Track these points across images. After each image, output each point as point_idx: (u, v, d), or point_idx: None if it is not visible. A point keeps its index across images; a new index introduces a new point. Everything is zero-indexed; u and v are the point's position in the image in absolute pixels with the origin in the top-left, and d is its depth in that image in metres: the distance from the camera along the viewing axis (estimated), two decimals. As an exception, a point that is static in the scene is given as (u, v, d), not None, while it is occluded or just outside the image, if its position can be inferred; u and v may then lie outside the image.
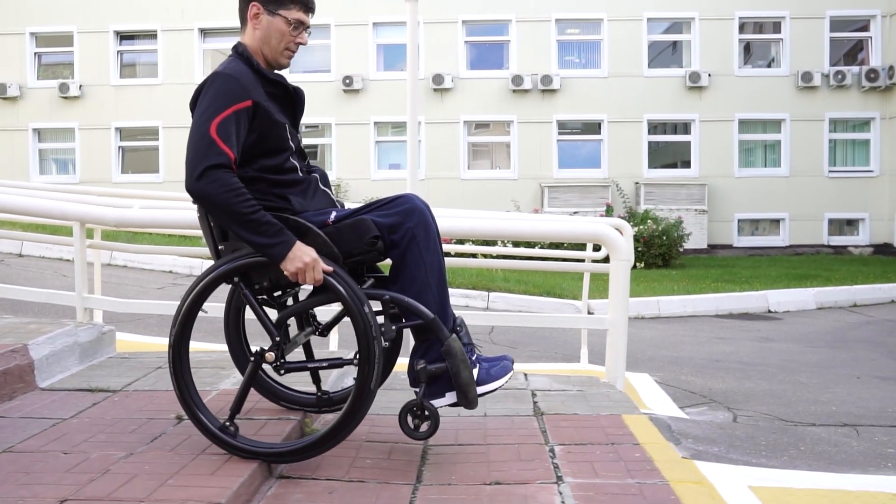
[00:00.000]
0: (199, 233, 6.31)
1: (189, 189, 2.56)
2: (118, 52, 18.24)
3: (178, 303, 2.75)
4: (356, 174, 17.65)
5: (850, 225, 18.15)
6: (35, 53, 18.28)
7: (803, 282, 11.13)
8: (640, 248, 14.13)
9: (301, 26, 2.78)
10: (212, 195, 2.51)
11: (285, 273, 2.56)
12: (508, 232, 4.79)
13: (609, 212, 16.04)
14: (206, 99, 2.60)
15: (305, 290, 2.82)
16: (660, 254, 14.21)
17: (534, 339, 6.89)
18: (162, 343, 5.66)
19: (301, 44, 2.82)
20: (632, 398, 4.50)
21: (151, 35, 18.13)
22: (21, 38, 18.08)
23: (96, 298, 4.48)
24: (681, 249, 14.96)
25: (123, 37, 18.32)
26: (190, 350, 2.84)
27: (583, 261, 5.66)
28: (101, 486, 2.41)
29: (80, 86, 17.90)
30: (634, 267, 13.81)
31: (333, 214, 2.71)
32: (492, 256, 8.99)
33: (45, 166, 18.53)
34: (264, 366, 2.74)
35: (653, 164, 18.14)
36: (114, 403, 3.39)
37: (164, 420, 3.14)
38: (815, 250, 17.83)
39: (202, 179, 2.51)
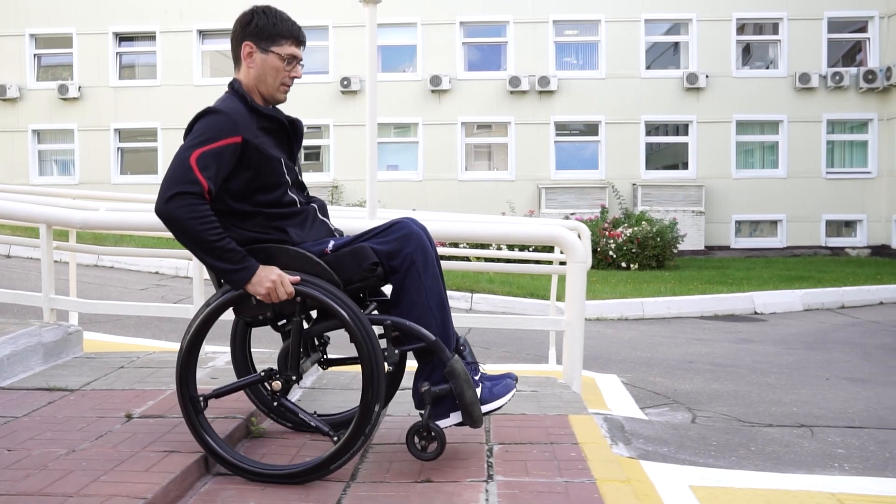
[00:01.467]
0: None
1: (157, 211, 2.59)
2: (117, 53, 18.34)
3: (180, 341, 2.78)
4: (354, 175, 17.71)
5: (848, 226, 18.12)
6: (34, 55, 18.40)
7: (795, 283, 11.13)
8: (634, 250, 14.16)
9: (294, 60, 2.83)
10: (178, 219, 2.55)
11: (257, 296, 2.62)
12: (466, 234, 4.82)
13: (604, 213, 16.06)
14: (195, 131, 2.65)
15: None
16: (654, 255, 14.21)
17: (509, 341, 6.93)
18: (135, 343, 5.74)
19: (296, 77, 2.86)
20: (592, 399, 4.55)
21: (150, 36, 18.23)
22: (21, 40, 18.21)
23: (62, 299, 4.53)
24: (675, 251, 14.95)
25: (122, 38, 18.43)
26: (158, 350, 2.89)
27: (551, 263, 5.67)
28: (34, 481, 2.47)
29: (80, 87, 18.02)
30: (628, 268, 13.94)
31: (332, 244, 2.76)
32: (465, 259, 8.99)
33: (44, 167, 18.65)
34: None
35: (650, 165, 18.15)
36: (69, 402, 3.45)
37: (113, 418, 3.19)
38: (812, 252, 17.81)
39: (171, 202, 2.54)
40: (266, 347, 4.32)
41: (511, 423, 3.32)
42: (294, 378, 2.73)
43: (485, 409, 2.72)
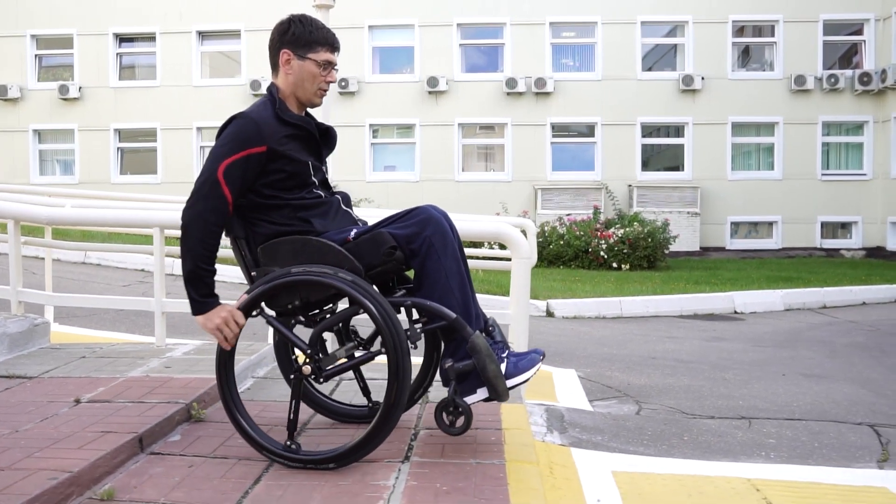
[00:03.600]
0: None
1: (182, 213, 2.79)
2: (117, 54, 18.56)
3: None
4: (351, 176, 17.84)
5: (844, 228, 18.17)
6: (35, 55, 18.64)
7: (782, 284, 11.20)
8: (625, 251, 14.26)
9: (330, 66, 2.97)
10: (190, 234, 2.75)
11: (206, 330, 2.79)
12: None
13: (596, 214, 16.17)
14: (225, 137, 2.82)
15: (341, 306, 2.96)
16: (645, 256, 14.31)
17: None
18: (104, 336, 5.88)
19: (331, 82, 3.00)
20: (543, 391, 4.68)
21: (150, 38, 18.44)
22: (22, 41, 18.45)
23: (29, 292, 4.69)
24: (666, 251, 15.04)
25: (122, 39, 18.65)
26: (122, 342, 3.02)
27: (510, 259, 5.78)
28: (-30, 458, 2.61)
29: (80, 87, 18.25)
30: (619, 269, 14.04)
31: (354, 231, 2.88)
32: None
33: (45, 167, 18.88)
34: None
35: (646, 166, 18.25)
36: (24, 388, 3.60)
37: (62, 403, 3.34)
38: (807, 253, 17.87)
39: (193, 214, 2.75)
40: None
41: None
42: (319, 358, 2.81)
43: (510, 383, 2.77)
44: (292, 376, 2.86)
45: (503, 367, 2.80)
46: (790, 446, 3.85)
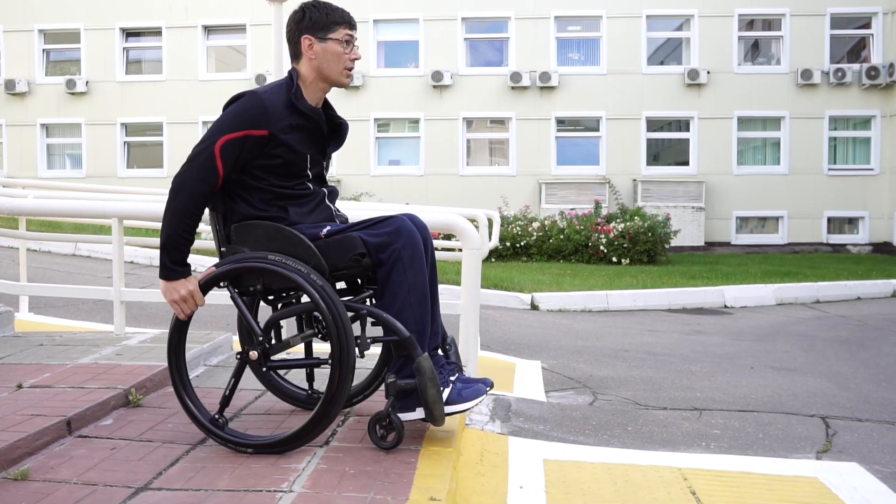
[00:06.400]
0: (139, 224, 6.59)
1: (174, 176, 2.82)
2: (124, 48, 18.72)
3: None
4: (356, 170, 17.94)
5: (850, 223, 18.05)
6: (43, 50, 18.85)
7: (779, 279, 11.14)
8: (625, 245, 14.23)
9: (351, 42, 2.97)
10: (178, 197, 2.78)
11: (166, 300, 2.83)
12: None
13: (597, 208, 16.13)
14: (231, 112, 2.86)
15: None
16: (645, 250, 14.28)
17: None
18: (72, 325, 5.95)
19: (356, 59, 3.00)
20: (501, 382, 4.71)
21: (156, 32, 18.59)
22: (29, 35, 18.65)
23: (-8, 280, 4.76)
24: (667, 246, 15.00)
25: (129, 34, 18.82)
26: (84, 330, 3.07)
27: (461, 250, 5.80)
28: None
29: (87, 82, 18.43)
30: (619, 263, 14.02)
31: (327, 229, 2.87)
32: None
33: (52, 161, 19.08)
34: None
35: (651, 161, 18.20)
36: (-27, 373, 3.66)
37: (4, 388, 3.40)
38: (813, 248, 17.77)
39: (185, 183, 2.78)
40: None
41: (381, 398, 3.48)
42: (268, 346, 2.85)
43: (448, 409, 2.79)
44: (237, 356, 2.90)
45: (447, 392, 2.81)
46: (733, 437, 3.86)
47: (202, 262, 8.77)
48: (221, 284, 2.91)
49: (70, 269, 9.30)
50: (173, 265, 2.80)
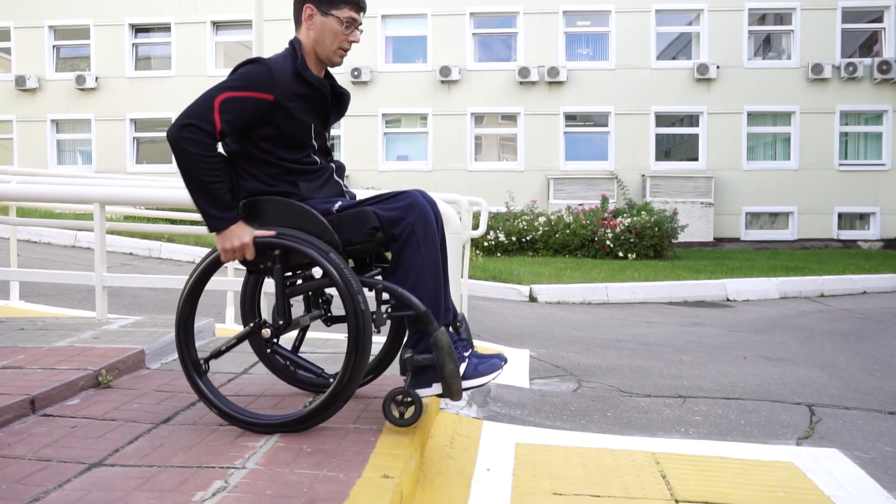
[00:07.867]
0: (141, 212, 6.59)
1: (168, 134, 2.70)
2: (133, 44, 18.81)
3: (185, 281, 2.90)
4: (364, 165, 17.93)
5: (862, 219, 17.88)
6: (53, 46, 18.96)
7: (788, 273, 11.03)
8: (632, 240, 14.15)
9: (353, 24, 2.89)
10: (183, 149, 2.65)
11: (219, 249, 2.75)
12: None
13: (604, 203, 16.05)
14: (237, 74, 2.78)
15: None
16: (651, 245, 14.19)
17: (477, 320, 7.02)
18: (56, 312, 5.95)
19: (354, 42, 2.93)
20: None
21: (165, 28, 18.66)
22: (40, 32, 18.77)
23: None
24: (675, 241, 14.90)
25: (138, 30, 18.90)
26: (66, 317, 3.05)
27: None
28: None
29: (97, 78, 18.53)
30: (625, 258, 13.94)
31: (339, 203, 2.83)
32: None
33: (62, 157, 19.19)
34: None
35: (660, 156, 18.10)
36: (-51, 356, 3.67)
37: (-23, 368, 3.40)
38: (824, 244, 17.61)
39: (181, 131, 2.65)
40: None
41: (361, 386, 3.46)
42: (282, 324, 2.80)
43: (466, 384, 2.76)
44: (251, 325, 2.88)
45: (463, 367, 2.78)
46: (714, 423, 3.82)
47: (200, 253, 8.77)
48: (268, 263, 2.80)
49: (68, 259, 9.35)
50: (219, 210, 2.70)
